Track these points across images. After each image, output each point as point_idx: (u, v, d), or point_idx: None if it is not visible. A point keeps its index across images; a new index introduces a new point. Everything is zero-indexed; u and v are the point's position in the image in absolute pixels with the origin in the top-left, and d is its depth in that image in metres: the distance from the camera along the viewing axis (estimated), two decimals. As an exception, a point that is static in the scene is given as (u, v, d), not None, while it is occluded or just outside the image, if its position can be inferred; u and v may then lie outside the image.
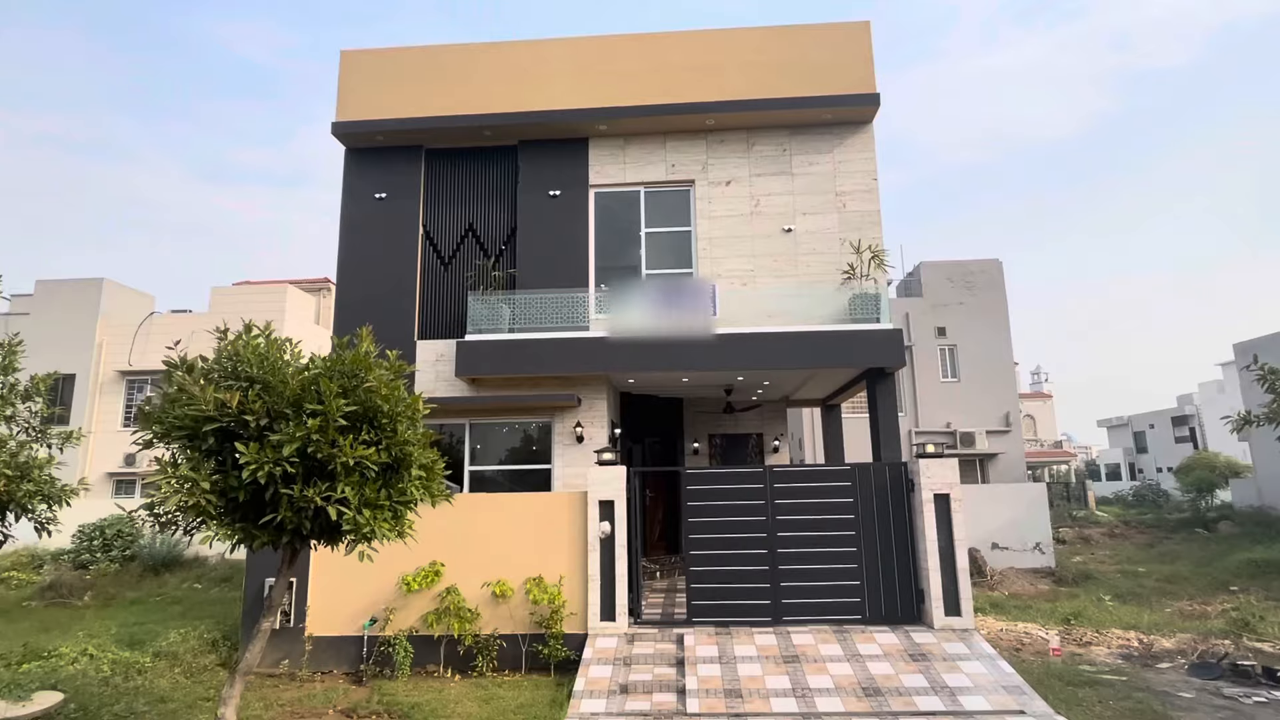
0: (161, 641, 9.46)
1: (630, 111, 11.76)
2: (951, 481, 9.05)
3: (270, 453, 4.97)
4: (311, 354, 5.69)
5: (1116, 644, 10.50)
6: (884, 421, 10.85)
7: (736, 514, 9.41)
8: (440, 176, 12.57)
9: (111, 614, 13.30)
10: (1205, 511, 29.20)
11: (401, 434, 5.56)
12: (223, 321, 5.43)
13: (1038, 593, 16.84)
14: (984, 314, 24.65)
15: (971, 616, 8.73)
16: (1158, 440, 47.18)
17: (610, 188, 12.20)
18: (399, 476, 5.63)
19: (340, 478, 5.21)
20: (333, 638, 9.22)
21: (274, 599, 5.88)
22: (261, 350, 5.33)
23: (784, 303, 11.17)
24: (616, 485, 9.36)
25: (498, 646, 8.92)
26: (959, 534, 8.92)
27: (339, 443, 5.17)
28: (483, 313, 11.32)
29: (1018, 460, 24.24)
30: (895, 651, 8.22)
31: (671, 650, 8.51)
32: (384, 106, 12.26)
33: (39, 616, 13.22)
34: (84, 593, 14.86)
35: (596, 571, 9.10)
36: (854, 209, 11.63)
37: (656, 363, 10.83)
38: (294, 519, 5.19)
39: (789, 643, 8.52)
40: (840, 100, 11.50)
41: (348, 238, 12.25)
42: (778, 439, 15.48)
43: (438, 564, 9.25)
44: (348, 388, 5.47)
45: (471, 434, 11.47)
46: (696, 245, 11.87)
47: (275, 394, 5.22)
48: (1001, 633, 11.10)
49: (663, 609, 10.42)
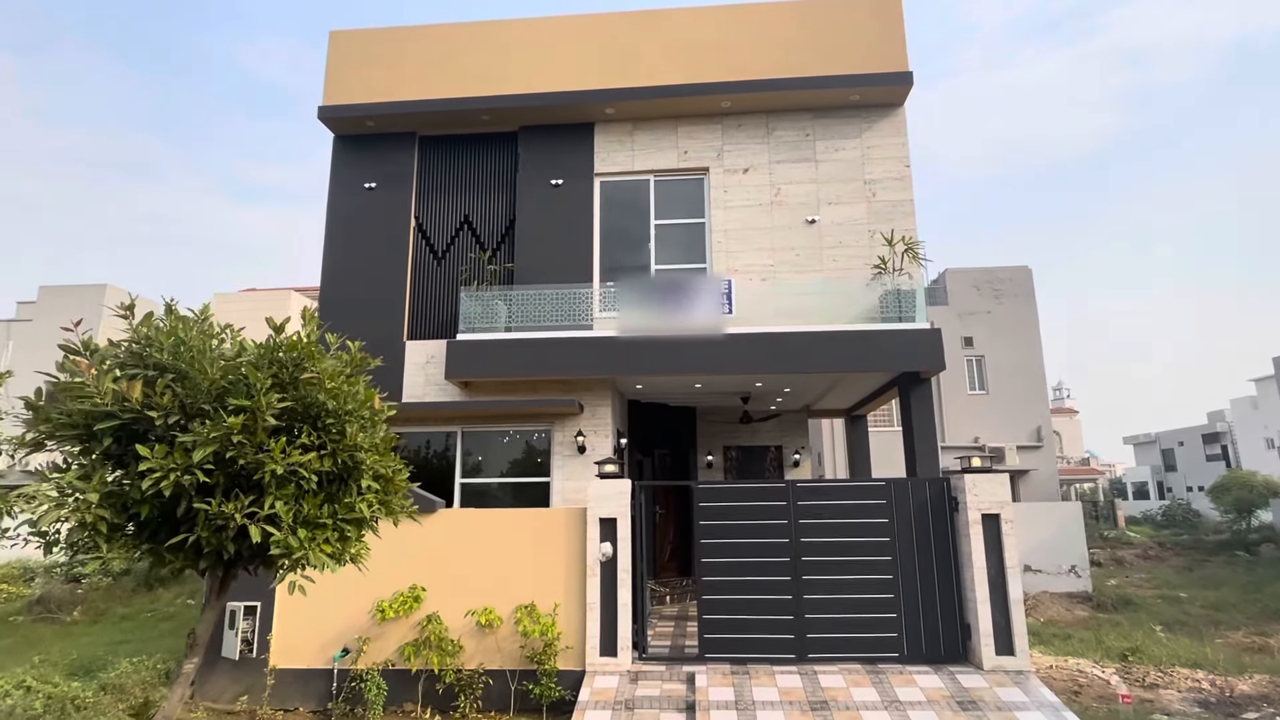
0: (112, 672, 8.45)
1: (639, 93, 10.80)
2: (1002, 500, 7.91)
3: (180, 457, 3.98)
4: (243, 340, 4.70)
5: (1186, 686, 9.26)
6: (920, 433, 9.73)
7: (755, 534, 8.31)
8: (434, 165, 11.65)
9: (98, 631, 12.72)
10: (1245, 533, 27.73)
11: (351, 437, 4.55)
12: (128, 295, 4.45)
13: (1076, 620, 15.60)
14: (1013, 323, 23.41)
15: (1027, 656, 7.56)
16: (1187, 458, 45.42)
17: (617, 176, 11.23)
18: (347, 489, 4.62)
19: (270, 489, 4.21)
20: (299, 670, 8.18)
21: (199, 635, 4.86)
22: (179, 333, 4.34)
23: (807, 300, 10.11)
24: (620, 501, 8.29)
25: (483, 684, 7.84)
26: (1011, 560, 7.77)
27: (269, 447, 4.17)
28: (476, 310, 10.34)
29: (1050, 477, 22.90)
30: (940, 698, 7.07)
31: (680, 692, 7.39)
32: (375, 90, 11.38)
33: (24, 633, 12.56)
34: (73, 608, 14.14)
35: (596, 599, 8.02)
36: (884, 198, 10.58)
37: (666, 365, 9.78)
38: (213, 539, 4.19)
39: (816, 685, 7.38)
40: (869, 79, 10.48)
41: (334, 231, 11.34)
42: (798, 452, 14.35)
43: (418, 588, 8.21)
44: (285, 380, 4.48)
45: (463, 443, 10.46)
46: (710, 238, 10.85)
47: (192, 386, 4.23)
48: (1051, 670, 9.90)
49: (672, 641, 9.31)
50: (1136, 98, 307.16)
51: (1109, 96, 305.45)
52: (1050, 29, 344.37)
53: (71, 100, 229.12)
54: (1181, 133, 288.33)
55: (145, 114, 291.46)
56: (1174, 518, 36.38)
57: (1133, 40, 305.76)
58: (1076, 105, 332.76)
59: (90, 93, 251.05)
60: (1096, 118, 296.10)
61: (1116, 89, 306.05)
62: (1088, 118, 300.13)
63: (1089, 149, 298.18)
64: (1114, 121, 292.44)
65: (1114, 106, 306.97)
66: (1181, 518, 36.06)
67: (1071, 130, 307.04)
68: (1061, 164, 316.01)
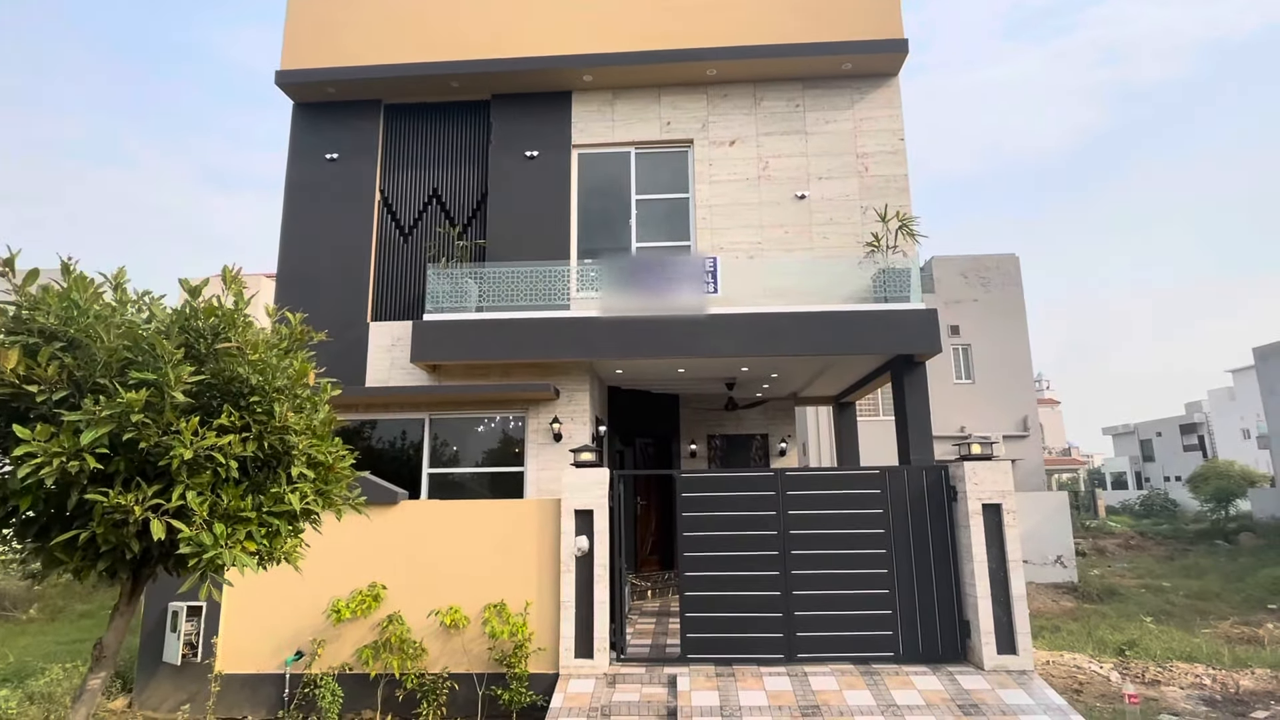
0: (41, 680, 7.75)
1: (620, 59, 10.16)
2: (1004, 489, 7.44)
3: (68, 440, 3.34)
4: (157, 306, 4.04)
5: (1188, 682, 8.90)
6: (914, 420, 9.25)
7: (741, 526, 7.76)
8: (401, 135, 10.93)
9: (55, 630, 12.07)
10: (1224, 522, 27.83)
11: (280, 418, 3.92)
12: (7, 248, 3.78)
13: (1062, 610, 15.35)
14: (1000, 312, 23.09)
15: (1030, 655, 7.10)
16: (1165, 448, 45.83)
17: (596, 148, 10.58)
18: (276, 478, 3.99)
19: (180, 477, 3.57)
20: (248, 676, 7.53)
21: (107, 645, 4.20)
22: (73, 296, 3.67)
23: (796, 279, 9.56)
24: (597, 491, 7.71)
25: (448, 689, 7.24)
26: (1013, 553, 7.30)
27: (177, 428, 3.54)
28: (445, 289, 9.67)
29: (1036, 467, 22.67)
30: (939, 701, 6.59)
31: (661, 697, 6.85)
32: (337, 53, 10.63)
33: None
34: (30, 605, 13.39)
35: (571, 597, 7.44)
36: (877, 173, 10.04)
37: (647, 348, 9.19)
38: (110, 536, 3.55)
39: (806, 688, 6.87)
40: (862, 46, 9.92)
41: (294, 204, 10.60)
42: (785, 440, 13.86)
43: (378, 586, 7.58)
44: (202, 352, 3.84)
45: (431, 431, 9.81)
46: (695, 214, 10.26)
47: (86, 357, 3.58)
48: (1049, 665, 9.50)
49: (653, 639, 8.77)
50: (1116, 94, 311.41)
51: (1089, 93, 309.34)
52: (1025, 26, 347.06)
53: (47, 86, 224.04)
54: (1162, 125, 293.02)
55: (116, 100, 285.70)
56: (1152, 507, 36.68)
57: (1110, 38, 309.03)
58: (1054, 102, 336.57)
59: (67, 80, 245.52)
60: (1074, 115, 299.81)
61: (1094, 86, 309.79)
62: (1069, 116, 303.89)
63: (1064, 144, 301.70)
64: (1094, 119, 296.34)
65: (1094, 103, 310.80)
66: (1160, 507, 36.34)
67: (1048, 126, 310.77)
68: (1038, 159, 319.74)
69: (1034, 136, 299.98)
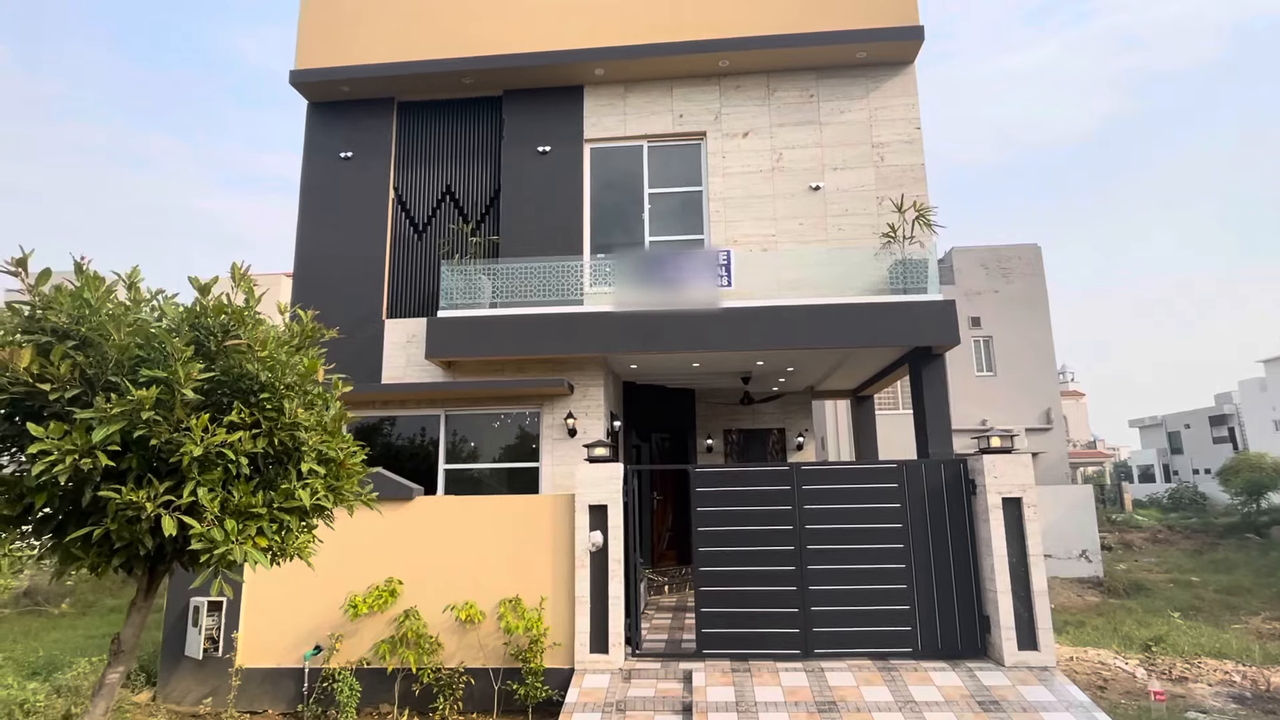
0: (69, 673, 7.90)
1: (631, 52, 10.10)
2: (1024, 483, 7.31)
3: (80, 437, 3.37)
4: (168, 305, 4.07)
5: (1216, 679, 8.71)
6: (933, 413, 9.13)
7: (757, 521, 7.71)
8: (414, 133, 10.96)
9: (86, 624, 12.28)
10: (1256, 515, 27.24)
11: (290, 414, 3.94)
12: (20, 248, 3.83)
13: (1087, 606, 15.11)
14: (1022, 303, 22.70)
15: (1052, 651, 6.99)
16: (1194, 441, 44.89)
17: (608, 142, 10.54)
18: (286, 474, 4.01)
19: (191, 474, 3.60)
20: (268, 670, 7.62)
21: (125, 641, 4.26)
22: (85, 294, 3.71)
23: (811, 271, 9.46)
24: (611, 486, 7.69)
25: (464, 684, 7.27)
26: (1034, 547, 7.17)
27: (188, 425, 3.56)
28: (459, 285, 9.69)
29: (1060, 460, 22.30)
30: (959, 698, 6.50)
31: (677, 692, 6.83)
32: (350, 52, 10.68)
33: (8, 626, 12.07)
34: (62, 599, 13.67)
35: (585, 592, 7.43)
36: (893, 163, 9.90)
37: (662, 342, 9.15)
38: (124, 533, 3.59)
39: (823, 684, 6.81)
40: (877, 34, 9.77)
41: (309, 204, 10.68)
42: (801, 434, 13.75)
43: (394, 582, 7.63)
44: (212, 349, 3.87)
45: (447, 427, 9.85)
46: (708, 207, 10.19)
47: (97, 355, 3.62)
48: (1072, 661, 9.35)
49: (669, 634, 8.75)
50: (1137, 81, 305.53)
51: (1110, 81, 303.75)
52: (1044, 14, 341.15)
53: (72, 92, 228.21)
54: (1184, 112, 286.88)
55: (135, 102, 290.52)
56: (1181, 500, 35.97)
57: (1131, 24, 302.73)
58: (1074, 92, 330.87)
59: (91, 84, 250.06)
60: (1098, 104, 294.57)
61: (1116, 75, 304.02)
62: (1091, 103, 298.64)
63: (1088, 132, 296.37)
64: (1117, 106, 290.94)
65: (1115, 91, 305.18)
66: (1189, 500, 35.63)
67: (1070, 115, 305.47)
68: (1064, 149, 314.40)
69: (1055, 125, 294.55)
